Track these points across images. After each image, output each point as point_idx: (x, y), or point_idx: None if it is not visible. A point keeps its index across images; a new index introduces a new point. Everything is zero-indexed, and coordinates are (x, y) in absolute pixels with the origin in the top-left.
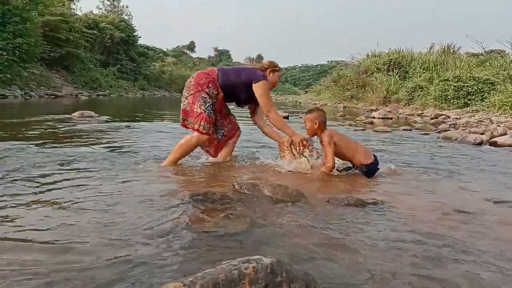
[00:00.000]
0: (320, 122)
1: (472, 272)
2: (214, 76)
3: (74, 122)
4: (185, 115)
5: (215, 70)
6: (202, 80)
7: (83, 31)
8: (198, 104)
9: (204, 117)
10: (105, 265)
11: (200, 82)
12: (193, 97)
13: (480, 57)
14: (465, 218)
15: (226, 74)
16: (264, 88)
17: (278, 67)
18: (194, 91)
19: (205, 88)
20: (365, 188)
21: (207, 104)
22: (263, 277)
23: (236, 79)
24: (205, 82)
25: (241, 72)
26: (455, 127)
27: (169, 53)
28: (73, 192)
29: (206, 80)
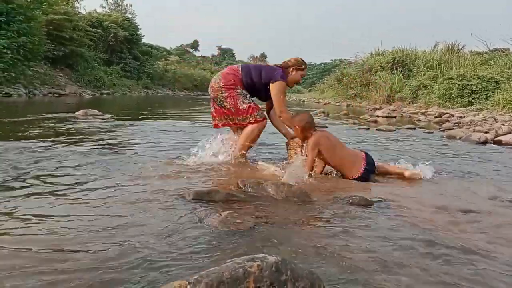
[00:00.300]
0: (301, 126)
1: (478, 273)
2: (239, 76)
3: (78, 121)
4: (221, 117)
5: (239, 70)
6: (231, 82)
7: (87, 30)
8: (241, 102)
9: (253, 107)
10: (110, 264)
11: (229, 84)
12: (232, 98)
13: (485, 55)
14: (470, 217)
15: (248, 74)
16: (278, 88)
17: (303, 66)
18: (229, 92)
19: (237, 88)
20: (369, 187)
21: (247, 96)
22: (268, 275)
23: (257, 78)
24: (234, 83)
25: (262, 71)
26: (459, 126)
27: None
28: (76, 191)
29: (235, 82)
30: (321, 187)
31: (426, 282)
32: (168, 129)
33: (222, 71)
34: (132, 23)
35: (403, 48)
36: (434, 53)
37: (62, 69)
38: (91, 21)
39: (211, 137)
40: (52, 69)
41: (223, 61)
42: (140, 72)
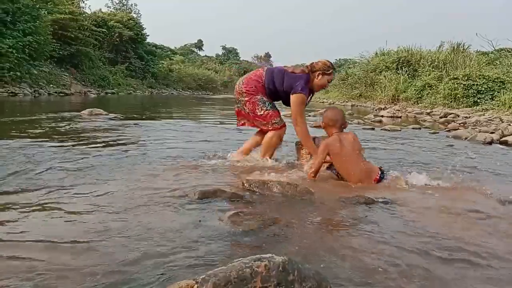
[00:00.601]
0: (325, 123)
1: (485, 274)
2: (262, 83)
3: (83, 120)
4: (243, 117)
5: (263, 76)
6: (253, 88)
7: (92, 29)
8: (259, 108)
9: (271, 114)
10: (116, 263)
11: (250, 89)
12: (251, 104)
13: (490, 55)
14: (476, 218)
15: (271, 81)
16: (296, 101)
17: (330, 70)
18: (249, 98)
19: (257, 94)
20: (375, 187)
21: (266, 103)
22: (275, 275)
23: (279, 85)
24: (255, 89)
25: (285, 78)
26: (464, 126)
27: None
28: (82, 192)
29: (256, 88)
30: (328, 187)
31: (433, 283)
32: (173, 128)
33: (247, 75)
34: (137, 22)
35: (408, 48)
36: (440, 53)
37: (67, 68)
38: (96, 21)
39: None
40: (58, 68)
41: (227, 60)
42: (144, 72)
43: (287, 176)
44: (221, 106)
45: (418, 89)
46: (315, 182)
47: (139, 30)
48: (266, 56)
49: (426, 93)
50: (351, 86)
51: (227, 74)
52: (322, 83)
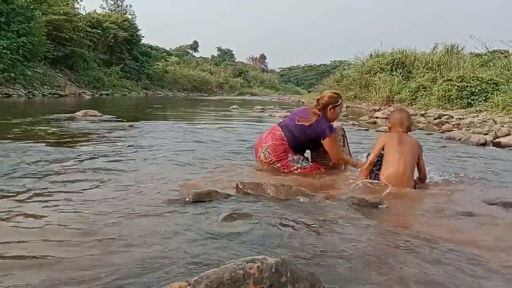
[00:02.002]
0: (391, 123)
1: (476, 277)
2: (287, 144)
3: (77, 122)
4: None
5: (284, 137)
6: (282, 152)
7: (86, 30)
8: (297, 166)
9: (308, 170)
10: (109, 265)
11: (280, 155)
12: (285, 166)
13: (484, 57)
14: (468, 220)
15: (295, 138)
16: (331, 143)
17: (339, 101)
18: (281, 163)
19: (288, 156)
20: (369, 188)
21: (300, 161)
22: (268, 277)
23: (305, 140)
24: (285, 152)
25: (306, 131)
26: (458, 128)
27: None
28: (73, 194)
29: (285, 151)
30: (323, 187)
31: (426, 284)
32: (167, 129)
33: (268, 142)
34: (132, 23)
35: (403, 50)
36: (434, 54)
37: (62, 69)
38: (91, 22)
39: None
40: (52, 69)
41: (222, 62)
42: (139, 73)
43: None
44: (216, 107)
45: (413, 90)
46: (309, 184)
47: (134, 31)
48: (261, 58)
49: (420, 94)
50: (346, 88)
51: (222, 76)
52: (335, 114)
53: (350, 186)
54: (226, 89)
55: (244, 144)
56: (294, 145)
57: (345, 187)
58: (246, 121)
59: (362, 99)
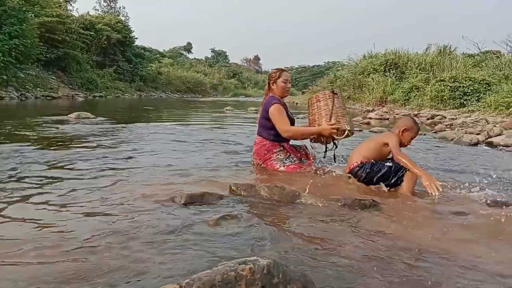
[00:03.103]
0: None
1: (464, 276)
2: (266, 142)
3: (70, 124)
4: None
5: (260, 137)
6: (266, 154)
7: (79, 32)
8: (280, 164)
9: (292, 168)
10: (101, 267)
11: (265, 157)
12: (271, 166)
13: (476, 57)
14: (462, 221)
15: (262, 129)
16: (274, 114)
17: (277, 74)
18: (267, 164)
19: (272, 154)
20: (362, 189)
21: (284, 159)
22: (260, 278)
23: (264, 122)
24: (267, 152)
25: (262, 113)
26: (451, 128)
27: (165, 54)
28: (64, 197)
29: (267, 149)
30: (315, 189)
31: (416, 285)
32: (160, 131)
33: (254, 148)
34: (125, 25)
35: (396, 51)
36: (427, 55)
37: (55, 71)
38: (84, 24)
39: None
40: (45, 71)
41: (216, 63)
42: (133, 75)
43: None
44: (210, 109)
45: (406, 91)
46: (302, 185)
47: (127, 33)
48: (255, 59)
49: (413, 95)
50: (339, 89)
51: (216, 77)
52: (280, 88)
53: (344, 186)
54: (220, 91)
55: (237, 145)
56: (269, 136)
57: (339, 187)
58: (240, 123)
59: (356, 100)
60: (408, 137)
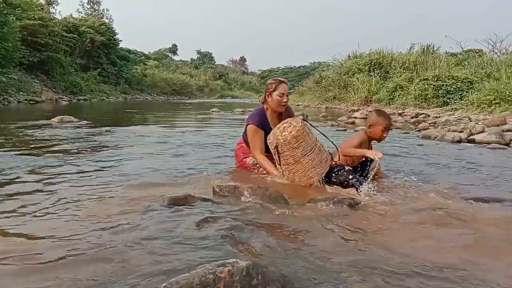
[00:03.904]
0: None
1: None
2: (243, 145)
3: (53, 128)
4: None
5: (242, 139)
6: (241, 156)
7: (63, 35)
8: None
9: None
10: (80, 269)
11: (241, 160)
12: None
13: (459, 56)
14: (443, 217)
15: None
16: (249, 133)
17: (273, 86)
18: (243, 165)
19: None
20: (346, 190)
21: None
22: (239, 280)
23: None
24: (243, 155)
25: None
26: (434, 126)
27: (151, 56)
28: (46, 201)
29: (243, 153)
30: (298, 190)
31: (398, 284)
32: (145, 134)
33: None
34: (109, 27)
35: (380, 50)
36: (410, 54)
37: (38, 75)
38: (67, 26)
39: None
40: (27, 75)
41: (202, 65)
42: (118, 77)
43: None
44: (196, 111)
45: (390, 90)
46: (286, 186)
47: (111, 35)
48: (241, 60)
49: (398, 94)
50: (325, 89)
51: (202, 79)
52: (275, 101)
53: (327, 187)
54: (207, 92)
55: (222, 147)
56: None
57: (322, 188)
58: (226, 125)
59: (341, 100)
60: (377, 131)
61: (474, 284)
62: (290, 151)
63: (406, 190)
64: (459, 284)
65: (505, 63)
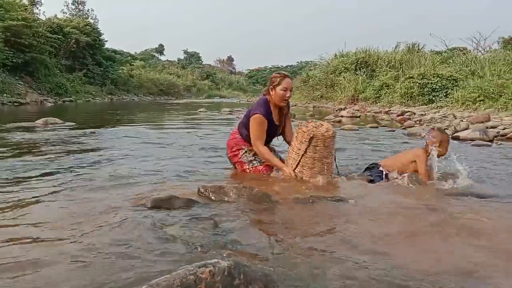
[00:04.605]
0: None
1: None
2: (237, 136)
3: (37, 130)
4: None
5: (236, 129)
6: (234, 147)
7: (47, 36)
8: (249, 165)
9: (260, 169)
10: (60, 271)
11: (234, 151)
12: (239, 164)
13: (444, 54)
14: (425, 213)
15: (242, 125)
16: (252, 124)
17: (277, 80)
18: (235, 160)
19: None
20: (330, 188)
21: (250, 159)
22: (220, 280)
23: (246, 121)
24: (237, 147)
25: (247, 113)
26: (420, 123)
27: (137, 56)
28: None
29: (237, 144)
30: (284, 189)
31: (382, 281)
32: (130, 135)
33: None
34: (94, 28)
35: (366, 49)
36: (396, 53)
37: (22, 77)
38: (52, 27)
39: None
40: (11, 77)
41: (189, 64)
42: (104, 78)
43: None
44: (183, 111)
45: (376, 89)
46: (271, 185)
47: (96, 36)
48: (229, 60)
49: (384, 92)
50: (312, 88)
51: (189, 78)
52: (278, 95)
53: (311, 184)
54: (194, 92)
55: (208, 147)
56: (243, 133)
57: (307, 187)
58: (213, 124)
59: (328, 99)
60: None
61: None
62: (322, 147)
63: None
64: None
65: (489, 60)
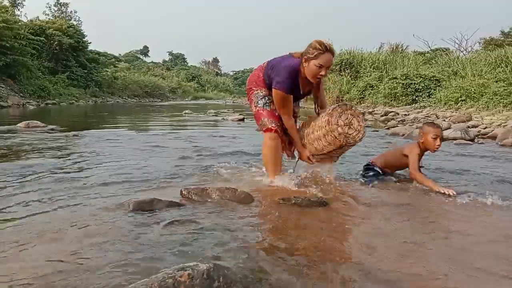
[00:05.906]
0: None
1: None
2: (261, 76)
3: (18, 134)
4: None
5: (264, 66)
6: (253, 83)
7: (29, 38)
8: (254, 104)
9: (261, 113)
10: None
11: (250, 85)
12: (250, 101)
13: (427, 55)
14: (408, 213)
15: (267, 73)
16: (275, 97)
17: (314, 53)
18: (248, 95)
19: (255, 89)
20: (314, 189)
21: (259, 99)
22: (199, 283)
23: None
24: (255, 84)
25: (274, 68)
26: (403, 123)
27: (121, 58)
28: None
29: (256, 82)
30: (267, 190)
31: (367, 280)
32: (114, 138)
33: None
34: (78, 30)
35: (350, 50)
36: (380, 54)
37: (3, 79)
38: (34, 29)
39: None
40: None
41: (175, 66)
42: (87, 80)
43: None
44: (168, 113)
45: (361, 89)
46: (255, 186)
47: (80, 38)
48: (214, 61)
49: (368, 93)
50: None
51: (175, 80)
52: (310, 70)
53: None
54: (180, 94)
55: (193, 149)
56: (267, 78)
57: (290, 186)
58: (198, 126)
59: None
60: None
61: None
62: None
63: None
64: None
65: (470, 61)
